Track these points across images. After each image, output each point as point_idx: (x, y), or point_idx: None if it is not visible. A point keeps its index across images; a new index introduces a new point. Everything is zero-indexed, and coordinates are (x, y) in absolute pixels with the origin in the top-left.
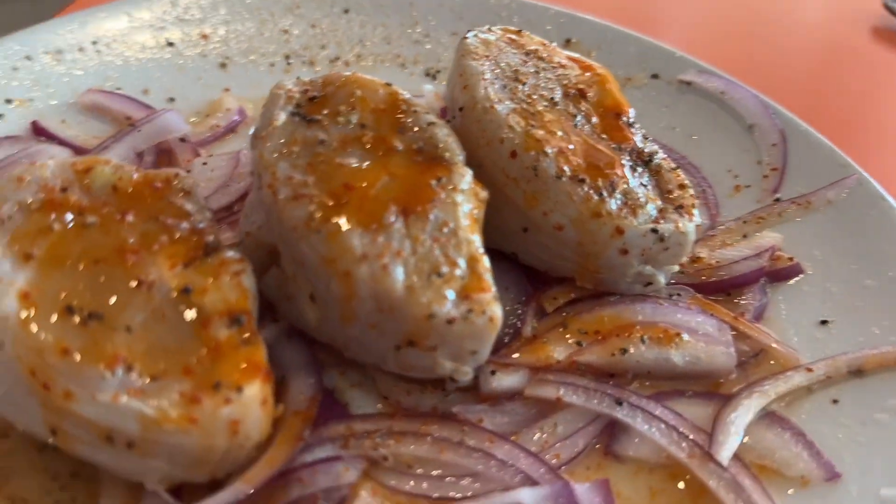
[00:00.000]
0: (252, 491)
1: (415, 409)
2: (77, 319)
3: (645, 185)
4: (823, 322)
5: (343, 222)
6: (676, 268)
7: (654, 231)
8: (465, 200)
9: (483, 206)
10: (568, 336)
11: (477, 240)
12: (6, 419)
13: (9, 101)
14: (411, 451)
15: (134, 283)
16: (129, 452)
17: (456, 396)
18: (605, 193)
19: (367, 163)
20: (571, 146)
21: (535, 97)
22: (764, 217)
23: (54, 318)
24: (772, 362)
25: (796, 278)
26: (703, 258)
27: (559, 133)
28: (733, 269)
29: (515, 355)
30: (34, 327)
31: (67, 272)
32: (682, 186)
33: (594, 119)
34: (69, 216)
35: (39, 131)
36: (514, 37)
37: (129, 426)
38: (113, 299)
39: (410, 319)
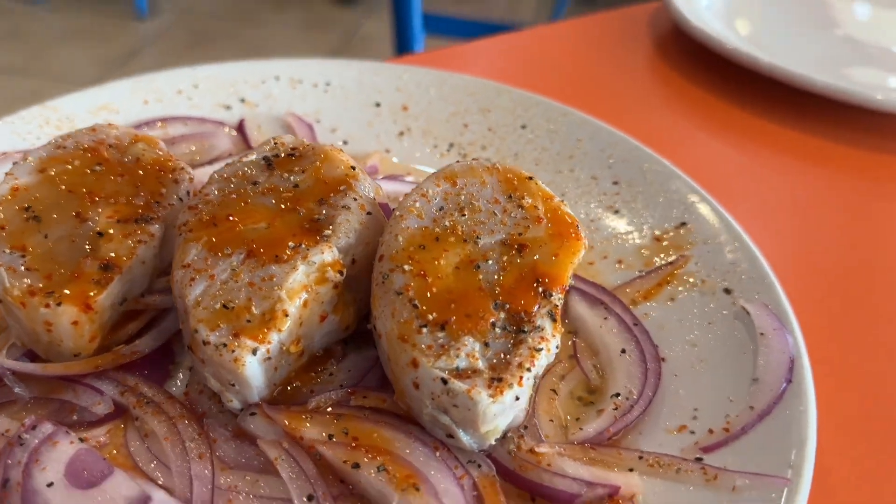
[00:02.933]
0: (42, 374)
1: (192, 404)
2: (26, 215)
3: (486, 345)
4: None
5: (196, 236)
6: (492, 441)
7: (444, 381)
8: (305, 271)
9: (327, 285)
10: (329, 427)
11: (293, 306)
12: None
13: (242, 100)
14: (152, 425)
15: (76, 214)
16: (1, 305)
17: (226, 417)
18: (427, 328)
19: (264, 209)
20: (440, 277)
21: (461, 230)
22: (661, 465)
23: (16, 208)
24: None
25: None
26: (541, 454)
27: (442, 263)
28: (554, 479)
29: (282, 414)
30: (2, 208)
31: (51, 189)
32: (521, 367)
33: (503, 273)
34: (90, 161)
35: (240, 126)
36: (512, 178)
37: None
38: (54, 216)
39: (189, 326)
